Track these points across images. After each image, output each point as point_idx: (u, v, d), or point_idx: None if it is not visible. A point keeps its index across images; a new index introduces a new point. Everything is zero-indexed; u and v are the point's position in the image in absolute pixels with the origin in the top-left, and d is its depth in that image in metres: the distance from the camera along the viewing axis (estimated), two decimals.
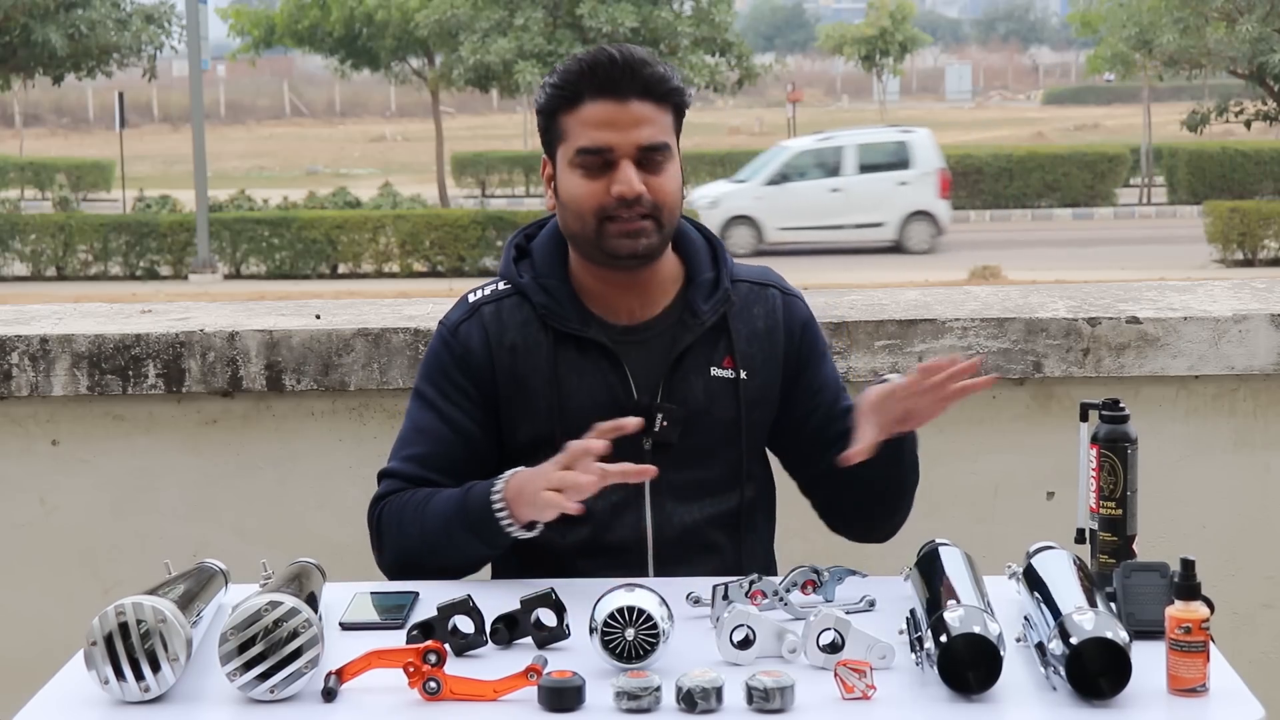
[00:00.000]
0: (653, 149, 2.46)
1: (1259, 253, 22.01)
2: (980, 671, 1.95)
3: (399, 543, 2.51)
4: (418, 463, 2.53)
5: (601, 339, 2.50)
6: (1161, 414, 3.21)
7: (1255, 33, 21.42)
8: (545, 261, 2.55)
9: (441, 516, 2.46)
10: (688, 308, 2.53)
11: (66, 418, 3.25)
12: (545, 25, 24.07)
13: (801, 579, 2.29)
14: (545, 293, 2.52)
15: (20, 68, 23.82)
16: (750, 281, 2.60)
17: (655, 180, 2.46)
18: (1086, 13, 29.82)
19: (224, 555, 2.49)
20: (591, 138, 2.45)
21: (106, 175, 32.81)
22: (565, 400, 2.49)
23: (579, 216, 2.47)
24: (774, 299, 2.59)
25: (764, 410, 2.57)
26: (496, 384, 2.52)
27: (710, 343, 2.53)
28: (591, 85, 2.45)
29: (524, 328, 2.52)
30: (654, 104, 2.46)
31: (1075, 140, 35.72)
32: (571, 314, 2.51)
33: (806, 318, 2.62)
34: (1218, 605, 2.05)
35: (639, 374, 2.50)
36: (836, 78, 62.20)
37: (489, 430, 2.54)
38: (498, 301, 2.55)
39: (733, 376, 2.53)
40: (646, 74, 2.45)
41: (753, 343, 2.55)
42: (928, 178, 22.89)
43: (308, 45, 29.73)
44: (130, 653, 1.98)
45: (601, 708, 1.94)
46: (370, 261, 22.51)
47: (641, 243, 2.46)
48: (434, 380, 2.55)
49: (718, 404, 2.52)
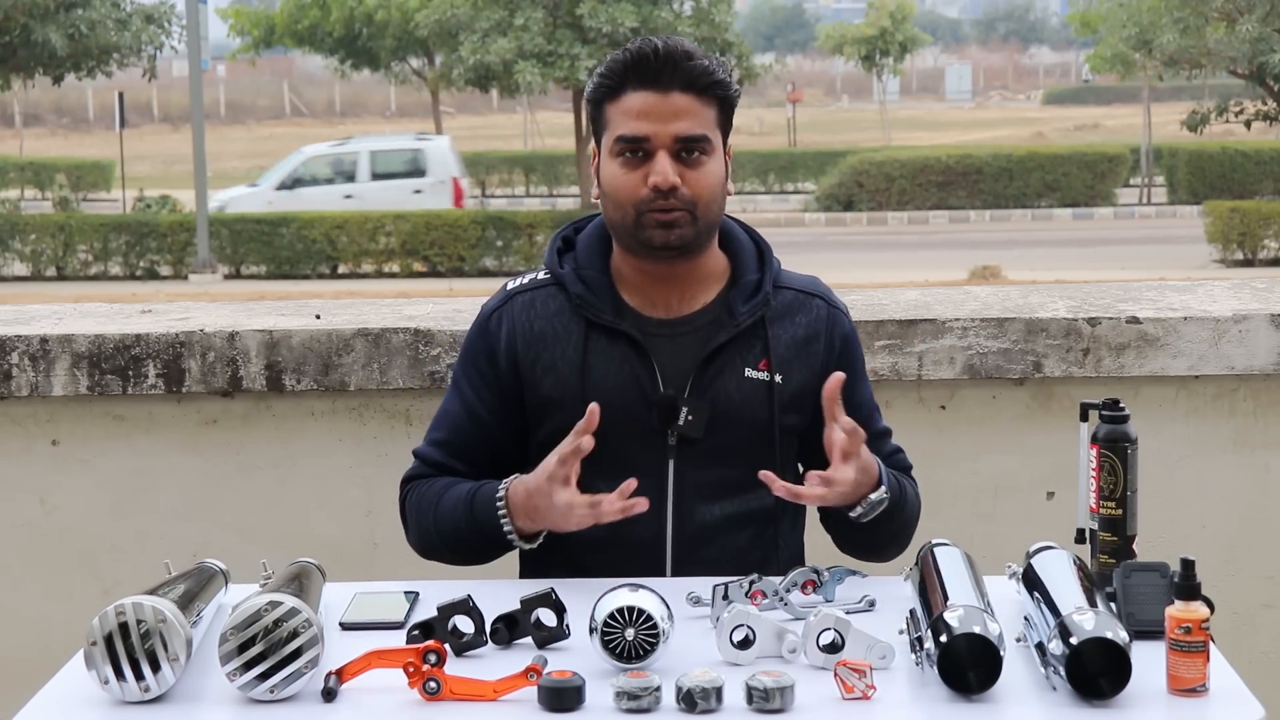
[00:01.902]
0: (691, 141, 2.46)
1: (1259, 253, 22.00)
2: (980, 671, 1.95)
3: (420, 532, 2.59)
4: (441, 447, 2.60)
5: (632, 331, 2.51)
6: (1161, 414, 3.21)
7: (1255, 33, 21.41)
8: (587, 253, 2.57)
9: (452, 517, 2.51)
10: (726, 307, 2.54)
11: (66, 418, 3.25)
12: (545, 25, 24.05)
13: (801, 579, 2.29)
14: (583, 283, 2.54)
15: (20, 68, 23.81)
16: (796, 289, 2.60)
17: (692, 174, 2.46)
18: (1086, 13, 29.82)
19: (224, 555, 2.49)
20: (630, 127, 2.46)
21: (106, 175, 32.79)
22: (590, 390, 2.49)
23: (619, 206, 2.49)
24: (818, 309, 2.59)
25: (799, 416, 2.55)
26: (519, 373, 2.55)
27: (746, 344, 2.53)
28: (634, 75, 2.47)
29: (556, 317, 2.54)
30: (695, 96, 2.47)
31: (1075, 140, 35.71)
32: (606, 304, 2.53)
33: (848, 333, 2.62)
34: (1218, 605, 2.05)
35: (668, 368, 2.51)
36: (836, 78, 62.20)
37: (508, 420, 2.57)
38: (533, 290, 2.58)
39: (767, 379, 2.52)
40: (689, 66, 2.46)
41: (791, 348, 2.55)
42: (442, 186, 23.18)
43: (308, 45, 29.75)
44: (130, 653, 1.98)
45: (601, 708, 1.94)
46: (370, 261, 22.50)
47: (675, 234, 2.46)
48: (465, 366, 2.61)
49: (750, 405, 2.52)
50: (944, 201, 27.45)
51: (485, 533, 2.47)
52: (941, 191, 27.57)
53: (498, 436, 2.58)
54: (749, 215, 27.65)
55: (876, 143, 34.96)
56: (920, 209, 27.27)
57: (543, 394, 2.53)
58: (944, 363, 3.20)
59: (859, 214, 27.03)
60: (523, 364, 2.54)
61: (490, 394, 2.57)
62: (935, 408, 3.24)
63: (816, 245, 23.11)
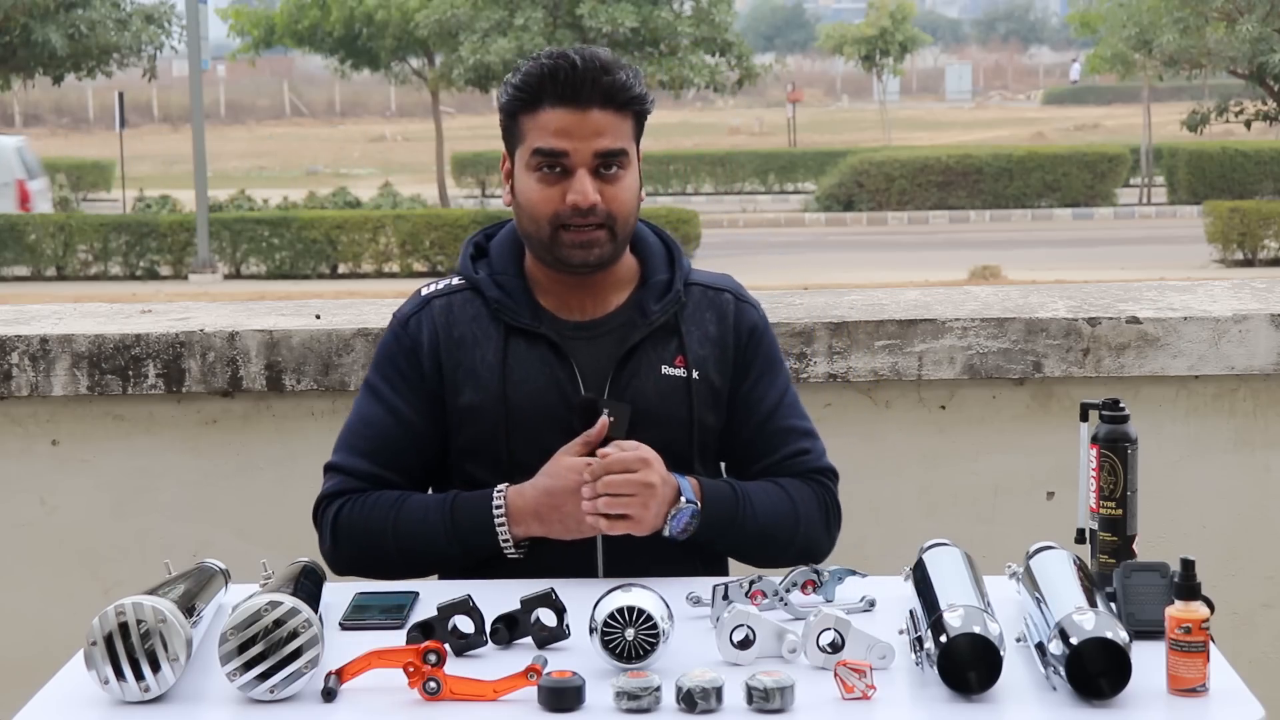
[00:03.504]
0: (609, 156, 2.46)
1: (1259, 253, 21.99)
2: (980, 671, 1.95)
3: (363, 546, 2.51)
4: (367, 458, 2.53)
5: (550, 334, 2.51)
6: (1161, 414, 3.21)
7: (1255, 33, 21.39)
8: (501, 259, 2.57)
9: (420, 528, 2.47)
10: (639, 307, 2.55)
11: (66, 418, 3.25)
12: (545, 25, 24.05)
13: (801, 579, 2.29)
14: (499, 288, 2.54)
15: (20, 68, 23.79)
16: (706, 285, 2.61)
17: (610, 190, 2.47)
18: (1086, 13, 29.81)
19: (224, 555, 2.49)
20: (548, 142, 2.45)
21: (106, 175, 32.77)
22: (512, 393, 2.50)
23: (534, 220, 2.48)
24: (726, 303, 2.60)
25: (716, 413, 2.57)
26: (442, 377, 2.53)
27: (661, 342, 2.54)
28: (551, 91, 2.45)
29: (474, 322, 2.54)
30: (614, 112, 2.47)
31: (1075, 140, 35.70)
32: (524, 309, 2.53)
33: (755, 325, 2.61)
34: (1218, 605, 2.05)
35: (587, 370, 2.51)
36: (836, 78, 62.17)
37: (434, 424, 2.55)
38: (449, 295, 2.57)
39: (684, 376, 2.53)
40: (606, 82, 2.45)
41: (705, 345, 2.56)
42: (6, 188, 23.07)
43: (308, 45, 29.71)
44: (130, 653, 1.98)
45: (601, 708, 1.94)
46: (370, 261, 22.49)
47: (594, 253, 2.48)
48: (383, 372, 2.57)
49: (668, 402, 2.52)
50: (944, 201, 27.44)
51: (468, 541, 2.45)
52: (941, 191, 27.56)
53: (427, 442, 2.55)
54: (749, 215, 27.68)
55: (876, 143, 34.93)
56: (920, 209, 27.26)
57: (464, 399, 2.52)
58: (944, 363, 3.20)
59: (859, 214, 27.02)
60: (445, 368, 2.53)
61: (416, 398, 2.54)
62: (935, 408, 3.24)
63: (816, 245, 23.10)
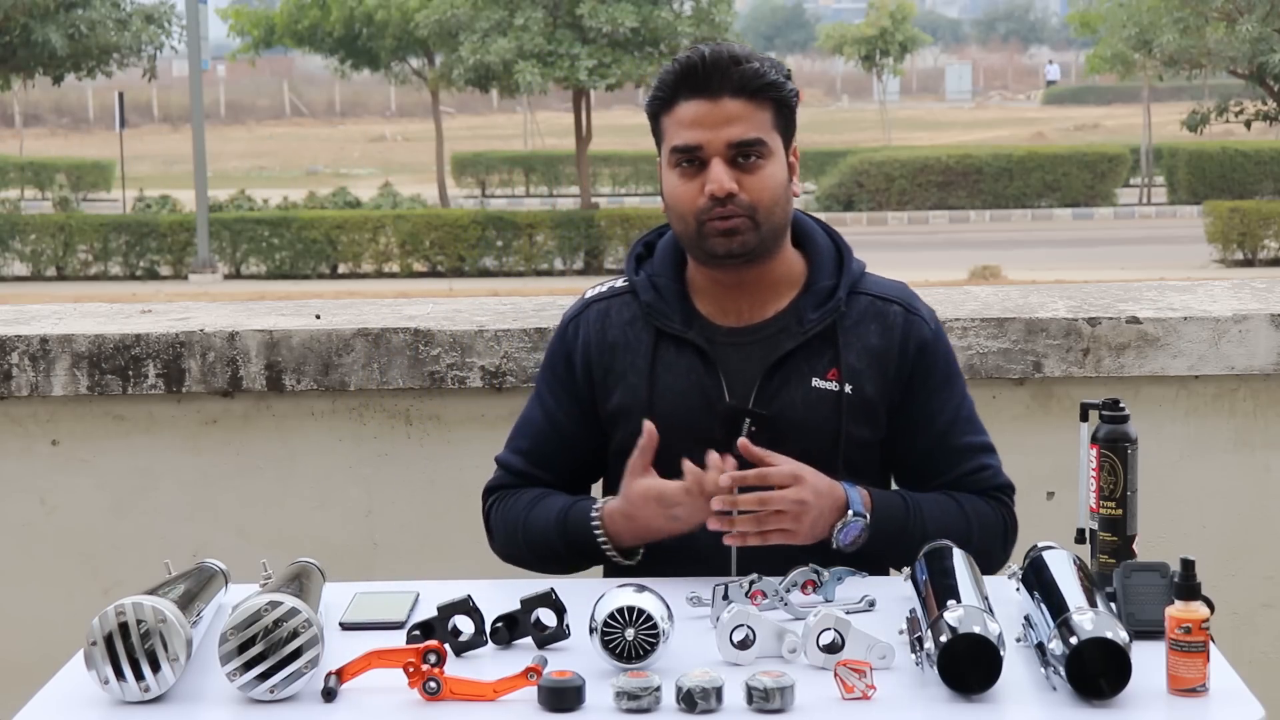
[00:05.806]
0: (745, 146, 2.44)
1: (1259, 253, 22.01)
2: (980, 671, 1.95)
3: (506, 543, 2.59)
4: (522, 456, 2.60)
5: (699, 340, 2.50)
6: (1161, 414, 3.21)
7: (1255, 33, 21.40)
8: (663, 261, 2.57)
9: (543, 533, 2.52)
10: (795, 315, 2.50)
11: (66, 418, 3.25)
12: (545, 25, 24.05)
13: (801, 579, 2.29)
14: (654, 290, 2.53)
15: (20, 68, 23.82)
16: (874, 295, 2.55)
17: (749, 179, 2.44)
18: (1086, 13, 29.81)
19: (224, 555, 2.49)
20: (683, 137, 2.45)
21: (106, 175, 32.79)
22: (657, 400, 2.49)
23: (680, 217, 2.48)
24: (894, 315, 2.53)
25: (871, 428, 2.51)
26: (593, 381, 2.55)
27: (816, 352, 2.49)
28: (684, 86, 2.46)
29: (628, 326, 2.54)
30: (747, 100, 2.44)
31: (1075, 140, 35.72)
32: (675, 313, 2.51)
33: (925, 340, 2.54)
34: (1218, 605, 2.05)
35: (734, 378, 2.48)
36: (836, 78, 62.17)
37: (585, 427, 2.57)
38: (609, 299, 2.58)
39: (836, 389, 2.48)
40: (737, 71, 2.44)
41: (863, 357, 2.50)
42: None
43: (308, 45, 29.73)
44: (130, 653, 1.98)
45: (601, 708, 1.94)
46: (370, 261, 22.51)
47: (737, 240, 2.44)
48: (545, 374, 2.62)
49: (816, 415, 2.47)
50: (944, 201, 27.46)
51: (581, 550, 2.50)
52: (941, 191, 27.58)
53: (578, 444, 2.58)
54: None
55: (876, 143, 34.95)
56: (920, 209, 27.28)
57: (613, 403, 2.53)
58: None
59: (859, 214, 27.04)
60: (596, 373, 2.55)
61: (570, 402, 2.57)
62: None
63: None
